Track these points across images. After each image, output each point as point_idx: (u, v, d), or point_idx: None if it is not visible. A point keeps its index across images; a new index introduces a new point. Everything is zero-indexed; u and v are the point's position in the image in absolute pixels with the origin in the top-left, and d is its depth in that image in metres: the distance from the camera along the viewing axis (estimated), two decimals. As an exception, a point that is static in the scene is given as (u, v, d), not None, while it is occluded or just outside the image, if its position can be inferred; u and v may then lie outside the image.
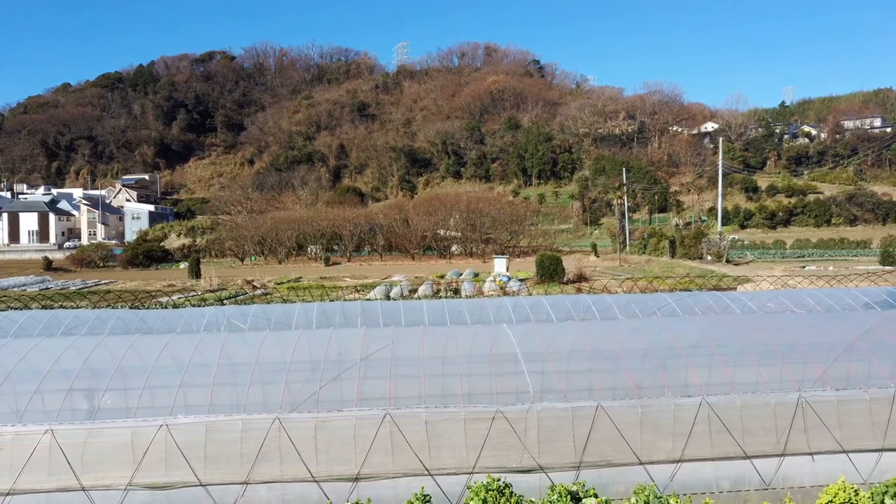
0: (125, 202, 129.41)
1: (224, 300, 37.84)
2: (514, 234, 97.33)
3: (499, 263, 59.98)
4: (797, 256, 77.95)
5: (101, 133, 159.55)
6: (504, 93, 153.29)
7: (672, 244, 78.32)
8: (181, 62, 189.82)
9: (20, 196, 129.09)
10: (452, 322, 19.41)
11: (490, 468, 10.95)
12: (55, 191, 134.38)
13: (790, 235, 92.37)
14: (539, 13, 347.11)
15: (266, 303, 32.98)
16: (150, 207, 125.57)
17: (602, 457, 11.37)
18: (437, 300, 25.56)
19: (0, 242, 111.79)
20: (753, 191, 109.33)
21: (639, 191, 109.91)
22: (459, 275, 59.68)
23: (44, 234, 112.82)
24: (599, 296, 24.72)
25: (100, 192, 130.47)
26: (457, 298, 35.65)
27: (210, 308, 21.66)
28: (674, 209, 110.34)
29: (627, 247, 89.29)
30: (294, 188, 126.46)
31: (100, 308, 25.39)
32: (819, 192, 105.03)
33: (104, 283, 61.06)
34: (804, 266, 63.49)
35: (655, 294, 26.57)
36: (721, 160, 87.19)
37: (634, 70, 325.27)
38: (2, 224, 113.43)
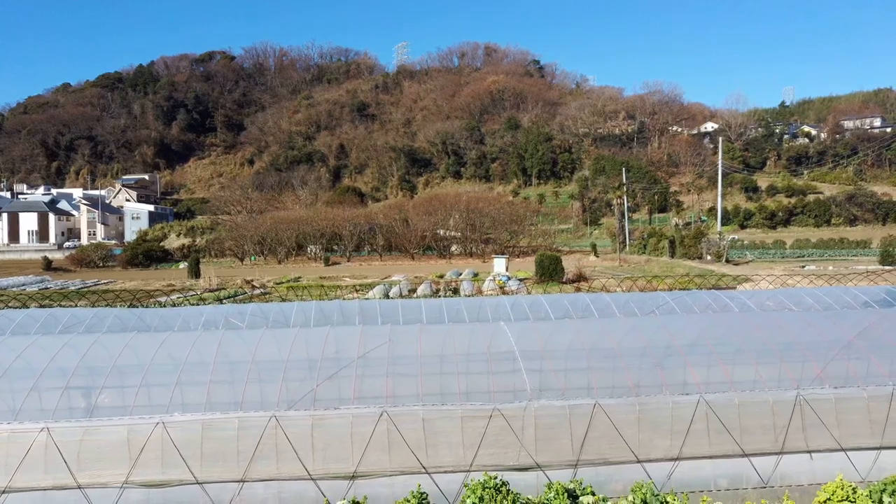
0: (125, 202, 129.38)
1: (223, 300, 37.82)
2: (514, 234, 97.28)
3: (498, 263, 59.91)
4: (797, 256, 77.91)
5: (101, 133, 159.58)
6: (504, 93, 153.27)
7: (672, 244, 78.28)
8: (181, 62, 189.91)
9: (20, 196, 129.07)
10: (451, 321, 19.36)
11: (487, 466, 10.91)
12: (55, 191, 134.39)
13: (790, 235, 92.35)
14: (539, 13, 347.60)
15: (265, 302, 32.96)
16: (150, 207, 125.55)
17: (599, 455, 11.33)
18: (436, 299, 25.51)
19: (0, 242, 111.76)
20: (753, 191, 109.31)
21: (639, 191, 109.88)
22: (459, 275, 59.64)
23: (43, 234, 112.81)
24: (598, 294, 24.67)
25: (99, 192, 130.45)
26: (456, 298, 35.60)
27: (208, 307, 21.63)
28: (673, 209, 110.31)
29: (627, 247, 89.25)
30: (294, 188, 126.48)
31: (98, 307, 25.36)
32: (819, 192, 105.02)
33: (103, 283, 61.00)
34: (804, 266, 63.44)
35: (654, 293, 26.52)
36: (721, 160, 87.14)
37: (634, 70, 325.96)
38: (1, 224, 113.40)
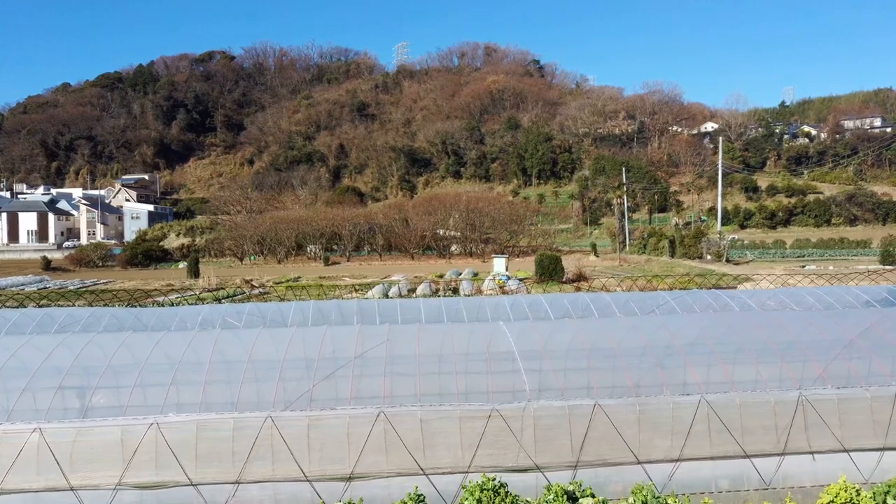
0: (124, 202, 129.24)
1: (221, 299, 37.69)
2: (514, 234, 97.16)
3: (498, 263, 59.76)
4: (797, 256, 77.79)
5: (101, 133, 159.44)
6: (504, 93, 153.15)
7: (672, 244, 78.15)
8: (181, 62, 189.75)
9: (19, 196, 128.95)
10: (449, 320, 19.24)
11: (486, 467, 10.77)
12: (54, 191, 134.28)
13: (790, 235, 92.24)
14: (539, 13, 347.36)
15: (263, 302, 32.83)
16: (150, 207, 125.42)
17: (599, 456, 11.19)
18: (435, 299, 25.40)
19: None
20: (753, 191, 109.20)
21: (639, 191, 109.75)
22: (459, 274, 59.51)
23: (43, 234, 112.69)
24: (598, 294, 24.54)
25: (99, 192, 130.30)
26: (455, 298, 35.46)
27: (205, 306, 21.49)
28: (674, 209, 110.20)
29: (627, 246, 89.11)
30: (293, 188, 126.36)
31: (94, 307, 25.23)
32: (819, 192, 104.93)
33: (102, 283, 60.85)
34: (804, 266, 63.31)
35: (654, 292, 26.39)
36: (721, 160, 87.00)
37: (634, 70, 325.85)
38: (1, 224, 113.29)
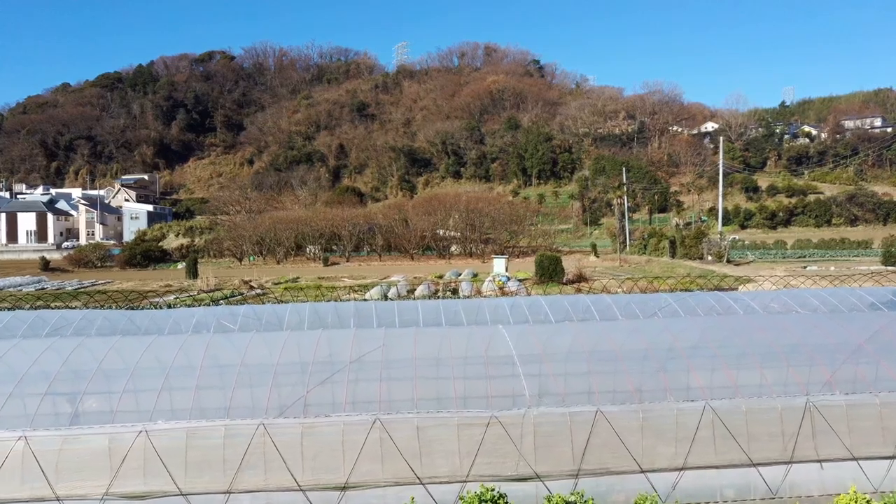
0: (124, 202, 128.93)
1: (218, 300, 37.38)
2: (514, 235, 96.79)
3: (498, 264, 59.46)
4: (798, 257, 77.49)
5: (101, 133, 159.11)
6: (504, 93, 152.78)
7: (672, 244, 77.83)
8: (181, 62, 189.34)
9: (18, 196, 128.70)
10: (448, 323, 18.96)
11: (484, 476, 10.47)
12: (54, 191, 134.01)
13: (791, 236, 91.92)
14: (539, 13, 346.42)
15: (260, 303, 32.52)
16: (149, 207, 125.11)
17: (601, 464, 10.88)
18: (433, 301, 25.11)
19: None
20: (754, 191, 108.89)
21: (639, 191, 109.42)
22: (458, 275, 59.20)
23: (42, 234, 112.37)
24: (598, 296, 24.23)
25: (98, 192, 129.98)
26: (455, 299, 35.17)
27: (199, 309, 21.19)
28: (674, 209, 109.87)
29: (627, 247, 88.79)
30: (293, 188, 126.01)
31: (89, 309, 24.92)
32: (819, 193, 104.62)
33: (101, 284, 60.53)
34: (805, 266, 63.00)
35: (656, 294, 26.10)
36: (721, 160, 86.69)
37: (634, 70, 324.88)
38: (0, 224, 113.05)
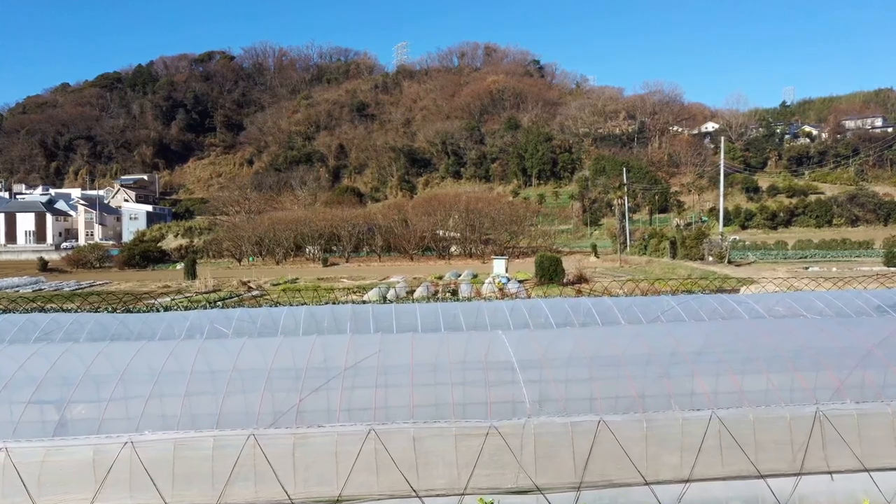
0: (123, 202, 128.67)
1: (214, 302, 37.03)
2: (514, 235, 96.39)
3: (498, 264, 59.07)
4: (799, 257, 77.12)
5: (100, 133, 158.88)
6: (504, 93, 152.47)
7: (673, 245, 77.46)
8: (180, 62, 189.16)
9: (18, 196, 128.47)
10: (447, 326, 18.58)
11: (483, 489, 10.10)
12: (53, 191, 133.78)
13: (791, 236, 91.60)
14: (539, 13, 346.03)
15: (257, 305, 32.16)
16: (148, 208, 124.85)
17: (604, 476, 10.50)
18: (432, 304, 24.77)
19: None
20: (754, 191, 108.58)
21: (639, 191, 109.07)
22: (458, 276, 58.81)
23: (41, 235, 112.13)
24: (600, 299, 23.85)
25: (98, 193, 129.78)
26: (454, 301, 34.85)
27: (194, 312, 20.83)
28: (674, 209, 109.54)
29: (628, 247, 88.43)
30: (293, 188, 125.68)
31: (83, 311, 24.56)
32: (820, 193, 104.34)
33: (99, 285, 60.17)
34: (807, 267, 62.61)
35: (658, 297, 25.74)
36: (722, 160, 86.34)
37: (634, 70, 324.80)
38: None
